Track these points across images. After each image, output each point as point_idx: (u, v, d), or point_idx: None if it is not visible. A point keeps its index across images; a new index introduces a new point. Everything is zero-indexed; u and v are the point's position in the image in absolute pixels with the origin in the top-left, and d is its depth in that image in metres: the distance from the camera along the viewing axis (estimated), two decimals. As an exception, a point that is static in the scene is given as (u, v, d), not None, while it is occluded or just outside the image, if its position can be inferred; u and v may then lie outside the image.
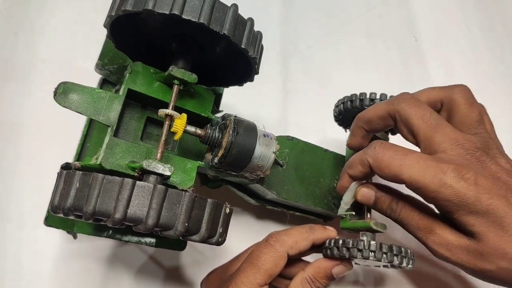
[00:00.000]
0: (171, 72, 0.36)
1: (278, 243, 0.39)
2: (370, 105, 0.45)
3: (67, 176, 0.30)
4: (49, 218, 0.40)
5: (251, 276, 0.38)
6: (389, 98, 0.45)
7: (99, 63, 0.42)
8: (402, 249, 0.39)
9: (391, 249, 0.39)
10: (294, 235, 0.41)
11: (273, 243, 0.39)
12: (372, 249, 0.38)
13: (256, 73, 0.39)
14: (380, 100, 0.45)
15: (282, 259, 0.39)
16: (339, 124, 0.53)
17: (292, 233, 0.41)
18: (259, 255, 0.39)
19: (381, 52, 0.72)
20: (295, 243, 0.40)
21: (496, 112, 0.70)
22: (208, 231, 0.32)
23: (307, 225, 0.43)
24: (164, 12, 0.30)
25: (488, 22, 0.78)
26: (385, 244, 0.39)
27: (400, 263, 0.39)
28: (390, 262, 0.38)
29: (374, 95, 0.45)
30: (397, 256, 0.39)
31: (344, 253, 0.39)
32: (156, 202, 0.29)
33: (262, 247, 0.40)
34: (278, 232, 0.41)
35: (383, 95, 0.45)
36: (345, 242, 0.40)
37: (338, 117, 0.51)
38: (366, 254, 0.38)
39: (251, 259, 0.39)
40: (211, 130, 0.37)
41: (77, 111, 0.35)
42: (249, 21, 0.35)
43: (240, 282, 0.37)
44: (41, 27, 0.59)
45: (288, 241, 0.40)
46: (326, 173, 0.48)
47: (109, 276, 0.49)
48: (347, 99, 0.47)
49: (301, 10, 0.72)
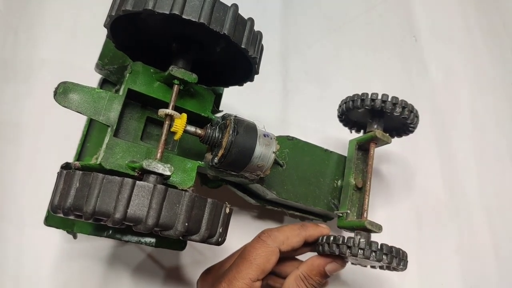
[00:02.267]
0: (171, 72, 0.36)
1: (269, 239, 0.40)
2: (371, 105, 0.45)
3: (67, 176, 0.30)
4: (49, 218, 0.40)
5: (243, 271, 0.38)
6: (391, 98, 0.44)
7: (99, 63, 0.42)
8: (393, 249, 0.39)
9: (381, 248, 0.39)
10: (286, 231, 0.42)
11: (265, 238, 0.40)
12: (361, 246, 0.39)
13: (256, 73, 0.39)
14: (393, 104, 0.44)
15: (274, 254, 0.40)
16: (344, 124, 0.53)
17: (284, 229, 0.42)
18: (251, 250, 0.40)
19: (381, 52, 0.72)
20: (286, 239, 0.41)
21: (496, 112, 0.71)
22: (208, 231, 0.32)
23: (300, 223, 0.44)
24: (164, 12, 0.30)
25: (488, 22, 0.78)
26: (375, 243, 0.39)
27: (390, 262, 0.39)
28: (379, 260, 0.38)
29: (375, 96, 0.45)
30: (387, 256, 0.39)
31: (334, 250, 0.40)
32: (156, 202, 0.29)
33: (254, 243, 0.40)
34: (270, 228, 0.42)
35: (394, 98, 0.45)
36: (336, 239, 0.40)
37: (341, 117, 0.51)
38: (355, 251, 0.39)
39: (244, 255, 0.40)
40: (211, 130, 0.37)
41: (77, 111, 0.35)
42: (249, 21, 0.35)
43: (232, 278, 0.38)
44: (41, 27, 0.59)
45: (279, 236, 0.41)
46: (326, 173, 0.48)
47: (109, 276, 0.49)
48: (357, 97, 0.47)
49: (301, 10, 0.72)
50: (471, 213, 0.62)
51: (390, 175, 0.63)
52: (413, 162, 0.64)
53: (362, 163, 0.48)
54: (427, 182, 0.63)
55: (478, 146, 0.67)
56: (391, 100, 0.45)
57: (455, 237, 0.60)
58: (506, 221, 0.62)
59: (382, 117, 0.48)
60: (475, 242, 0.60)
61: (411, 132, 0.49)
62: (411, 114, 0.45)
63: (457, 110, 0.69)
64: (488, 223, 0.62)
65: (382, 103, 0.45)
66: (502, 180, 0.65)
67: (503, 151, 0.67)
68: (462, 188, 0.64)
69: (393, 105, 0.45)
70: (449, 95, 0.70)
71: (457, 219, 0.61)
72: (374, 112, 0.47)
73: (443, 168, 0.64)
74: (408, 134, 0.50)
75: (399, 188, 0.62)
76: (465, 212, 0.62)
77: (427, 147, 0.66)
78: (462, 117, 0.69)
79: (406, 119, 0.46)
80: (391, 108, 0.45)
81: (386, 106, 0.45)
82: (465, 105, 0.70)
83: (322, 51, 0.70)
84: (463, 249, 0.48)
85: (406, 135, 0.51)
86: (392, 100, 0.45)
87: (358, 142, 0.48)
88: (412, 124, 0.47)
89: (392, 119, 0.47)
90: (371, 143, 0.47)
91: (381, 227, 0.42)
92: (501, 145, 0.68)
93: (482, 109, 0.70)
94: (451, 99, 0.70)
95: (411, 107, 0.45)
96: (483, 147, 0.67)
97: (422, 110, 0.48)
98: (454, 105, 0.70)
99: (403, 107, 0.45)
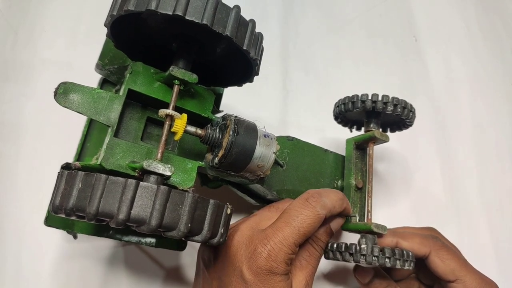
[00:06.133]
0: (172, 72, 0.36)
1: (319, 205, 0.38)
2: (362, 106, 0.45)
3: (68, 177, 0.30)
4: (49, 218, 0.40)
5: (289, 237, 0.36)
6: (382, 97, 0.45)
7: (99, 63, 0.42)
8: (396, 251, 0.40)
9: (382, 252, 0.39)
10: (333, 199, 0.40)
11: (315, 204, 0.38)
12: (363, 253, 0.40)
13: (256, 74, 0.39)
14: (383, 103, 0.44)
15: (320, 221, 0.38)
16: (343, 125, 0.53)
17: (331, 196, 0.40)
18: (298, 216, 0.37)
19: (381, 51, 0.72)
20: (333, 208, 0.40)
21: (496, 112, 0.71)
22: (210, 231, 0.32)
23: (339, 192, 0.42)
24: (167, 12, 0.30)
25: (488, 22, 0.78)
26: (376, 247, 0.40)
27: (402, 265, 0.39)
28: (393, 266, 0.39)
29: (365, 97, 0.45)
30: (390, 259, 0.39)
31: (348, 258, 0.41)
32: (159, 203, 0.29)
33: (301, 207, 0.38)
34: (318, 191, 0.40)
35: (385, 96, 0.45)
36: (348, 247, 0.41)
37: (337, 119, 0.51)
38: (369, 260, 0.39)
39: (289, 219, 0.37)
40: (212, 130, 0.37)
41: (77, 111, 0.35)
42: (251, 23, 0.35)
43: (278, 242, 0.36)
44: (41, 27, 0.59)
45: (328, 204, 0.39)
46: (326, 173, 0.48)
47: (109, 276, 0.49)
48: (348, 99, 0.47)
49: (301, 10, 0.72)
50: (471, 213, 0.62)
51: (389, 175, 0.63)
52: (413, 162, 0.64)
53: (360, 162, 0.48)
54: (427, 181, 0.63)
55: (478, 146, 0.67)
56: (381, 100, 0.45)
57: (455, 237, 0.60)
58: (506, 221, 0.63)
59: (378, 115, 0.48)
60: (475, 242, 0.60)
61: (409, 126, 0.49)
62: (405, 110, 0.45)
63: (457, 110, 0.69)
64: (488, 223, 0.62)
65: (373, 104, 0.45)
66: (502, 180, 0.65)
67: (503, 151, 0.68)
68: (462, 188, 0.64)
69: (384, 104, 0.44)
70: (449, 95, 0.70)
71: (457, 219, 0.62)
72: (368, 112, 0.47)
73: (443, 168, 0.64)
74: (407, 128, 0.50)
75: (398, 187, 0.62)
76: (465, 212, 0.62)
77: (427, 147, 0.66)
78: (462, 117, 0.69)
79: (399, 115, 0.45)
80: (382, 107, 0.44)
81: (377, 106, 0.45)
82: (465, 105, 0.70)
83: (322, 51, 0.70)
84: (463, 249, 0.48)
85: (405, 128, 0.50)
86: (383, 99, 0.45)
87: (355, 142, 0.48)
88: (408, 119, 0.47)
89: (388, 116, 0.47)
90: (370, 142, 0.47)
91: (386, 228, 0.42)
92: (501, 145, 0.68)
93: (482, 109, 0.70)
94: (451, 99, 0.70)
95: (404, 103, 0.45)
96: (483, 147, 0.67)
97: (422, 110, 0.48)
98: (454, 105, 0.70)
99: (395, 105, 0.45)
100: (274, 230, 0.37)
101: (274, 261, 0.35)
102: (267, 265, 0.35)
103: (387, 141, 0.46)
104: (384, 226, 0.42)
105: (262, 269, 0.35)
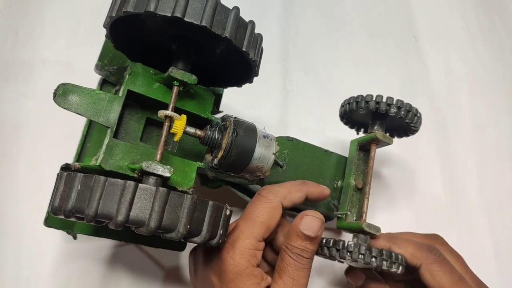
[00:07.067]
0: (171, 73, 0.36)
1: (271, 194, 0.38)
2: (376, 107, 0.44)
3: (68, 178, 0.30)
4: (49, 218, 0.40)
5: (247, 230, 0.36)
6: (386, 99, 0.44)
7: (99, 64, 0.42)
8: (384, 252, 0.39)
9: (369, 250, 0.39)
10: (287, 186, 0.40)
11: (266, 194, 0.38)
12: (350, 249, 0.39)
13: (255, 75, 0.39)
14: (387, 104, 0.44)
15: (277, 210, 0.37)
16: (350, 126, 0.52)
17: (285, 184, 0.40)
18: (252, 208, 0.37)
19: (381, 51, 0.72)
20: (288, 193, 0.39)
21: (496, 112, 0.71)
22: (209, 233, 0.32)
23: (299, 180, 0.42)
24: (166, 14, 0.30)
25: (488, 22, 0.78)
26: (363, 245, 0.39)
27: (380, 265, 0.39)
28: (378, 267, 0.39)
29: (369, 97, 0.45)
30: (376, 258, 0.39)
31: (334, 254, 0.40)
32: (158, 205, 0.29)
33: (255, 200, 0.38)
34: (271, 185, 0.40)
35: (389, 98, 0.44)
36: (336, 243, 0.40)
37: (342, 119, 0.51)
38: (343, 255, 0.39)
39: (246, 215, 0.37)
40: (211, 131, 0.37)
41: (76, 112, 0.35)
42: (250, 24, 0.35)
43: (236, 238, 0.36)
44: (41, 27, 0.59)
45: (281, 191, 0.39)
46: (326, 174, 0.48)
47: (109, 276, 0.49)
48: (353, 99, 0.46)
49: (301, 10, 0.72)
50: (471, 213, 0.62)
51: (390, 177, 0.63)
52: (413, 162, 0.64)
53: (363, 163, 0.48)
54: (426, 181, 0.63)
55: (478, 146, 0.67)
56: (385, 101, 0.44)
57: (455, 237, 0.60)
58: (506, 221, 0.63)
59: (383, 117, 0.47)
60: (475, 242, 0.60)
61: (414, 131, 0.48)
62: (409, 114, 0.44)
63: (457, 110, 0.69)
64: (488, 223, 0.62)
65: (376, 104, 0.44)
66: (502, 180, 0.65)
67: (503, 151, 0.67)
68: (462, 188, 0.64)
69: (387, 106, 0.44)
70: (449, 95, 0.70)
71: (457, 219, 0.62)
72: (372, 114, 0.47)
73: (443, 168, 0.64)
74: (413, 133, 0.49)
75: (398, 188, 0.62)
76: (465, 212, 0.62)
77: (427, 147, 0.66)
78: (462, 117, 0.69)
79: (403, 119, 0.45)
80: (386, 109, 0.44)
81: (380, 107, 0.44)
82: (465, 105, 0.70)
83: (322, 51, 0.70)
84: (463, 249, 0.47)
85: (411, 134, 0.49)
86: (387, 101, 0.44)
87: (359, 143, 0.48)
88: (413, 124, 0.46)
89: (393, 120, 0.47)
90: (372, 144, 0.46)
91: (379, 229, 0.42)
92: (501, 145, 0.68)
93: (482, 109, 0.70)
94: (451, 99, 0.70)
95: (409, 106, 0.44)
96: (483, 147, 0.67)
97: (422, 110, 0.47)
98: (454, 105, 0.70)
99: (399, 107, 0.44)
100: (232, 230, 0.37)
101: (239, 258, 0.35)
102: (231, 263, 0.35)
103: (390, 143, 0.46)
104: (378, 227, 0.42)
105: (227, 271, 0.35)
